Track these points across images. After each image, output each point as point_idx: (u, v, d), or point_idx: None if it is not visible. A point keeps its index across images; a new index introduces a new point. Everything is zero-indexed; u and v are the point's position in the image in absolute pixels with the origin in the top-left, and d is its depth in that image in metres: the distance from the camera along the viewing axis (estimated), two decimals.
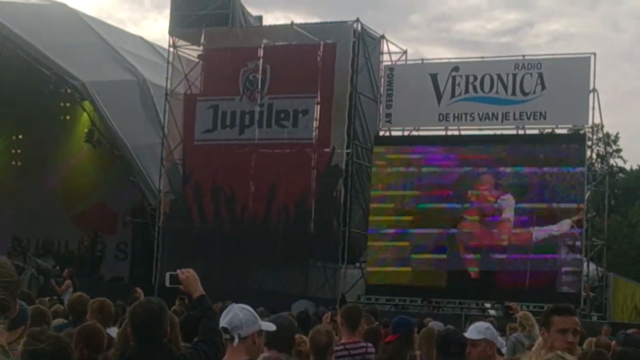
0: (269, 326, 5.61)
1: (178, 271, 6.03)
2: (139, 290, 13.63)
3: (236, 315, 5.30)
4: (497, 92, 24.76)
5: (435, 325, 13.05)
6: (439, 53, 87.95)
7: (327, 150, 25.45)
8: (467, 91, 25.05)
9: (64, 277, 23.04)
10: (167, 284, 6.11)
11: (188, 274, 6.03)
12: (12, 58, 27.05)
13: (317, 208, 25.17)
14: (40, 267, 26.59)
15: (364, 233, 25.27)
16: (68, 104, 31.05)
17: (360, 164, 25.79)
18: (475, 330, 6.72)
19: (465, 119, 25.10)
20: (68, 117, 31.98)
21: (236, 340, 5.22)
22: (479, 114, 24.93)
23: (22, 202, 32.05)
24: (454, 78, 25.19)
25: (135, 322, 5.75)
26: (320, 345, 7.26)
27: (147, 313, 5.73)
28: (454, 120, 25.21)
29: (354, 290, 24.97)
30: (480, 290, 23.74)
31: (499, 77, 24.75)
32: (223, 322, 5.33)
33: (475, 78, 24.99)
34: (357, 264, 25.81)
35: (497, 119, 24.79)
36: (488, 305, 23.28)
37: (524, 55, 25.42)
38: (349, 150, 25.18)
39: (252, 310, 5.43)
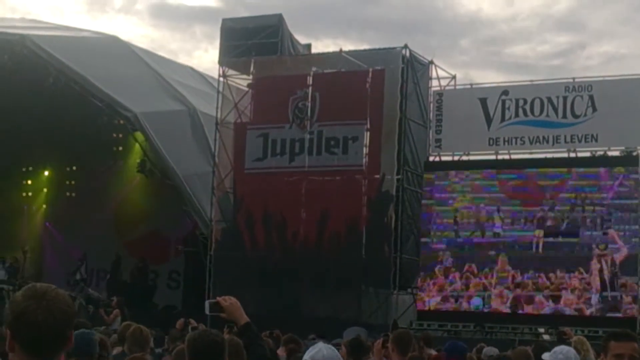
0: None
1: (219, 298, 6.00)
2: (192, 321, 13.63)
3: (320, 351, 5.57)
4: (547, 115, 24.62)
5: (490, 351, 12.97)
6: (489, 77, 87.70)
7: (377, 176, 25.46)
8: (517, 115, 24.93)
9: (113, 307, 23.14)
10: (207, 312, 6.02)
11: (231, 301, 5.94)
12: (65, 90, 27.41)
13: (368, 234, 25.15)
14: (91, 296, 26.82)
15: (415, 259, 25.20)
16: (120, 135, 31.45)
17: (410, 189, 25.75)
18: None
19: (516, 143, 24.98)
20: (121, 148, 32.41)
21: None
22: (529, 138, 24.80)
23: (75, 232, 32.49)
24: (503, 102, 25.10)
25: (195, 352, 5.72)
26: None
27: (209, 344, 5.70)
28: (504, 144, 25.09)
29: (406, 316, 24.87)
30: (534, 315, 23.57)
31: (549, 100, 24.61)
32: (307, 356, 5.56)
33: (525, 102, 24.87)
34: (409, 290, 25.72)
35: (547, 142, 24.64)
36: (542, 330, 23.04)
37: (574, 78, 25.25)
38: (399, 176, 25.17)
39: (335, 350, 5.65)
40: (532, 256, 24.12)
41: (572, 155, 24.68)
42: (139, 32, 69.31)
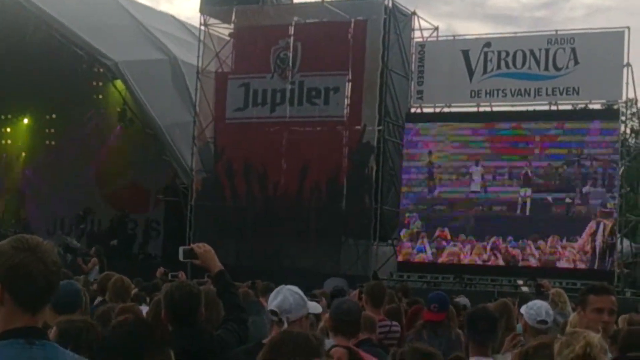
0: (316, 308, 5.58)
1: (193, 245, 5.94)
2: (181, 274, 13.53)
3: (286, 298, 5.26)
4: (529, 67, 24.57)
5: (462, 300, 13.02)
6: (473, 28, 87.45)
7: (358, 127, 25.42)
8: (499, 67, 24.87)
9: (91, 256, 23.05)
10: (181, 258, 6.00)
11: (205, 248, 5.94)
12: (44, 38, 27.19)
13: (349, 185, 25.16)
14: (69, 245, 26.77)
15: (395, 210, 25.27)
16: (100, 84, 31.27)
17: (392, 141, 25.74)
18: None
19: (497, 95, 24.96)
20: (101, 97, 32.19)
21: (285, 324, 5.18)
22: (511, 90, 24.77)
23: (56, 180, 32.38)
24: (485, 54, 25.02)
25: (172, 304, 5.71)
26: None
27: (185, 296, 5.68)
28: (485, 96, 25.07)
29: (386, 268, 25.00)
30: (513, 267, 23.74)
31: (532, 52, 24.55)
32: (272, 304, 5.28)
33: (508, 54, 24.81)
34: (389, 242, 25.81)
35: (529, 94, 24.63)
36: (520, 282, 23.22)
37: (556, 30, 25.20)
38: (380, 128, 25.14)
39: (301, 293, 5.39)
40: (517, 218, 24.08)
41: (554, 108, 24.69)
42: None
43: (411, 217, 24.88)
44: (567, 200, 23.61)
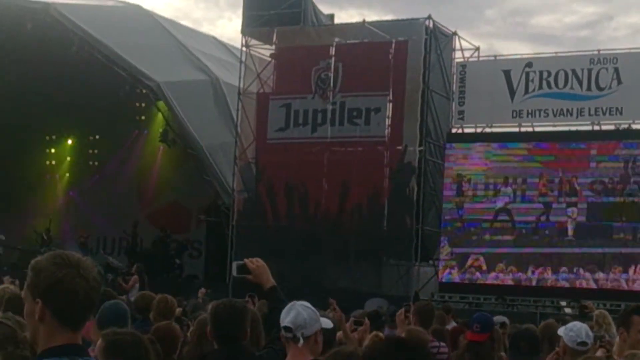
0: (328, 323, 5.50)
1: (246, 260, 5.83)
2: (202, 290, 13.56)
3: (300, 314, 5.13)
4: (571, 87, 24.41)
5: (499, 319, 12.88)
6: (515, 48, 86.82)
7: (399, 147, 25.38)
8: (541, 87, 24.74)
9: (132, 273, 23.13)
10: (235, 273, 5.87)
11: (258, 263, 5.83)
12: (88, 59, 27.47)
13: (390, 206, 25.10)
14: (110, 264, 26.93)
15: (436, 230, 25.15)
16: (143, 104, 31.55)
17: (433, 161, 25.66)
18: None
19: (539, 115, 24.80)
20: (143, 117, 32.50)
21: (301, 340, 5.07)
22: (553, 110, 24.62)
23: (99, 201, 32.66)
24: (527, 74, 24.90)
25: (218, 321, 5.68)
26: None
27: (231, 313, 5.65)
28: (527, 116, 24.92)
29: (427, 288, 24.87)
30: (556, 288, 23.49)
31: (574, 72, 24.39)
32: (285, 320, 5.14)
33: (549, 74, 24.67)
34: (430, 262, 25.69)
35: (571, 114, 24.46)
36: (563, 303, 22.98)
37: (599, 50, 25.00)
38: (421, 148, 25.08)
39: (313, 308, 5.26)
40: (566, 243, 23.59)
41: (596, 128, 24.49)
42: (162, 1, 69.13)
43: (442, 242, 24.72)
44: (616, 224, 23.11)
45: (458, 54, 26.40)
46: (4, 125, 31.54)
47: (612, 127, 24.72)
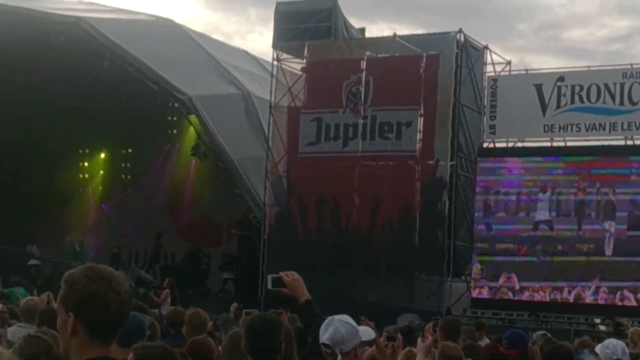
0: (369, 335, 5.48)
1: (282, 273, 5.85)
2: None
3: (337, 330, 5.14)
4: (604, 102, 24.26)
5: (538, 335, 12.80)
6: (547, 62, 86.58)
7: (430, 162, 25.32)
8: (573, 101, 24.60)
9: (164, 287, 23.17)
10: (270, 286, 5.88)
11: (293, 277, 5.85)
12: (120, 73, 27.65)
13: (421, 220, 25.02)
14: (141, 278, 27.01)
15: (468, 245, 25.03)
16: (175, 118, 31.72)
17: (464, 175, 25.58)
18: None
19: (572, 130, 24.66)
20: (175, 131, 32.66)
21: (339, 357, 5.07)
22: (585, 125, 24.47)
23: (130, 214, 32.82)
24: (559, 88, 24.78)
25: (252, 335, 5.67)
26: None
27: (266, 326, 5.64)
28: (559, 131, 24.79)
29: (460, 304, 24.74)
30: (590, 305, 23.27)
31: (606, 86, 24.25)
32: (323, 337, 5.15)
33: (582, 88, 24.53)
34: (462, 277, 25.57)
35: (604, 129, 24.30)
36: (598, 320, 22.79)
37: (632, 64, 24.82)
38: (453, 162, 25.00)
39: (352, 322, 5.27)
40: (603, 260, 23.40)
41: (630, 142, 24.31)
42: (194, 15, 69.60)
43: (474, 258, 24.59)
44: None
45: (489, 68, 26.36)
46: (38, 140, 31.81)
47: None
